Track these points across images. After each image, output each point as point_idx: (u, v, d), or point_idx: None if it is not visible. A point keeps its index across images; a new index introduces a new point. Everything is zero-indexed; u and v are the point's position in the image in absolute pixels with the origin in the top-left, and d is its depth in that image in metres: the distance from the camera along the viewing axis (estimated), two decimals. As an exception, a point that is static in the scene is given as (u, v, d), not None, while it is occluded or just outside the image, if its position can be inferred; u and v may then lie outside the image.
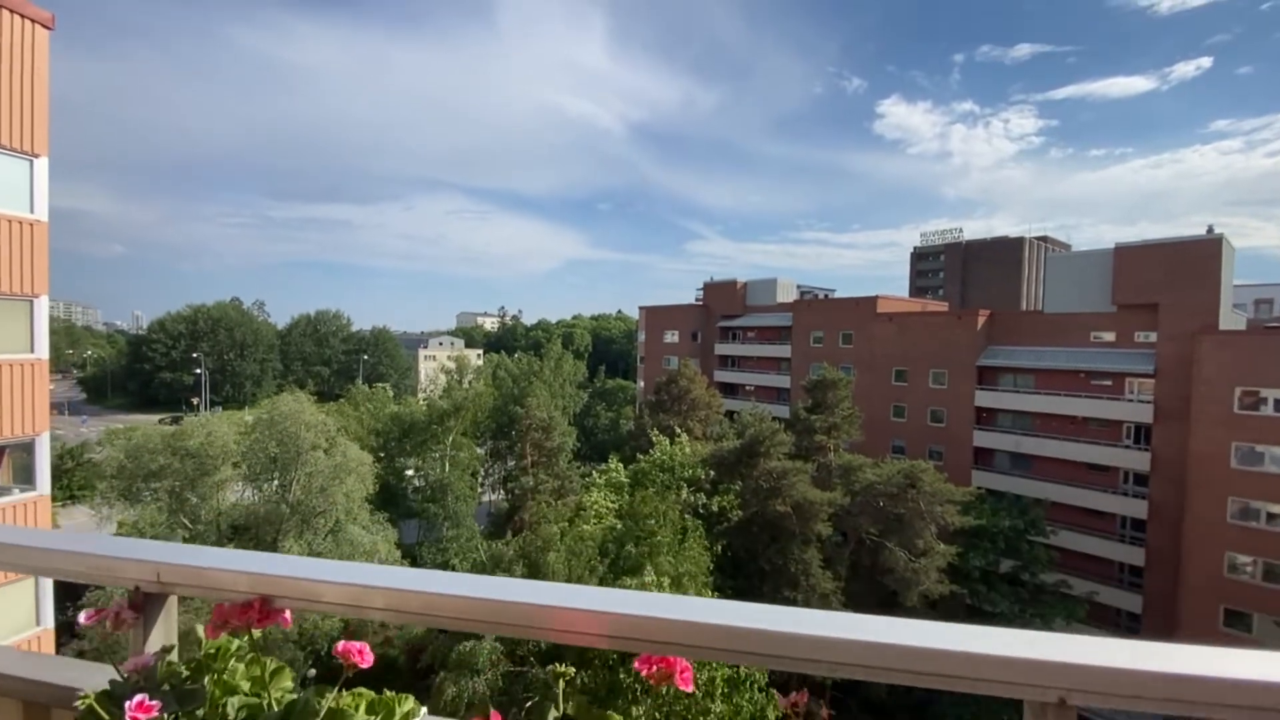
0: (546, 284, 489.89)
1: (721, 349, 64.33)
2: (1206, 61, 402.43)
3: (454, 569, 33.58)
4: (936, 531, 31.82)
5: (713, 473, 35.79)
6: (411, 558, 37.08)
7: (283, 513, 29.07)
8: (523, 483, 33.92)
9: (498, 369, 72.87)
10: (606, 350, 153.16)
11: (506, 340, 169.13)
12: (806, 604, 29.19)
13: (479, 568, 27.81)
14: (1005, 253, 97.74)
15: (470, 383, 62.45)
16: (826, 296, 67.50)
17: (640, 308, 74.20)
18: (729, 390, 62.12)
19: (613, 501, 33.71)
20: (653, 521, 26.98)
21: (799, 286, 66.41)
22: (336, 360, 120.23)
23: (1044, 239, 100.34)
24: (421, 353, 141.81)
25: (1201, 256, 34.26)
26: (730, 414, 52.79)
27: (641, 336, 73.22)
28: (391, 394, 73.59)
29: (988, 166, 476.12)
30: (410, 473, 50.60)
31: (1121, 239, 39.02)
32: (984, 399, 42.32)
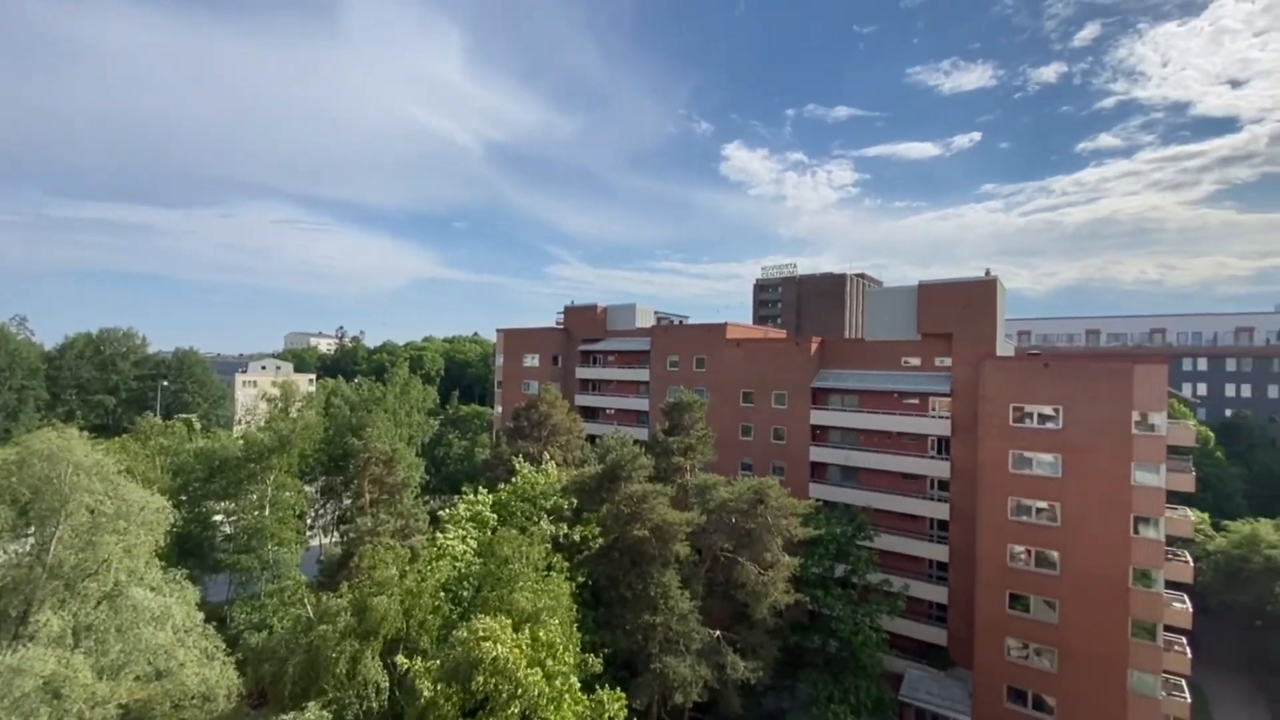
0: (394, 303, 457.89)
1: (583, 373, 64.07)
2: (977, 135, 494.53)
3: (272, 630, 28.98)
4: (783, 544, 33.84)
5: (575, 500, 35.00)
6: (218, 620, 31.38)
7: (37, 577, 22.98)
8: (359, 524, 30.37)
9: (333, 396, 65.73)
10: (461, 374, 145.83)
11: (345, 364, 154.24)
12: (666, 625, 29.28)
13: (304, 625, 24.15)
14: (831, 286, 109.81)
15: (299, 412, 55.43)
16: (681, 323, 70.37)
17: (498, 330, 71.68)
18: (590, 414, 61.86)
19: (473, 538, 31.51)
20: (514, 566, 25.55)
21: (656, 312, 68.55)
22: (126, 387, 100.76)
23: (862, 275, 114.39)
24: (239, 378, 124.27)
25: (981, 294, 40.94)
26: (591, 438, 52.42)
27: (499, 360, 70.60)
28: (198, 426, 63.04)
29: (815, 210, 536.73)
30: (220, 519, 43.31)
31: (921, 278, 45.38)
32: (818, 418, 46.44)
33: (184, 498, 41.87)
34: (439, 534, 31.38)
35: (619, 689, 22.05)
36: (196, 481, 42.45)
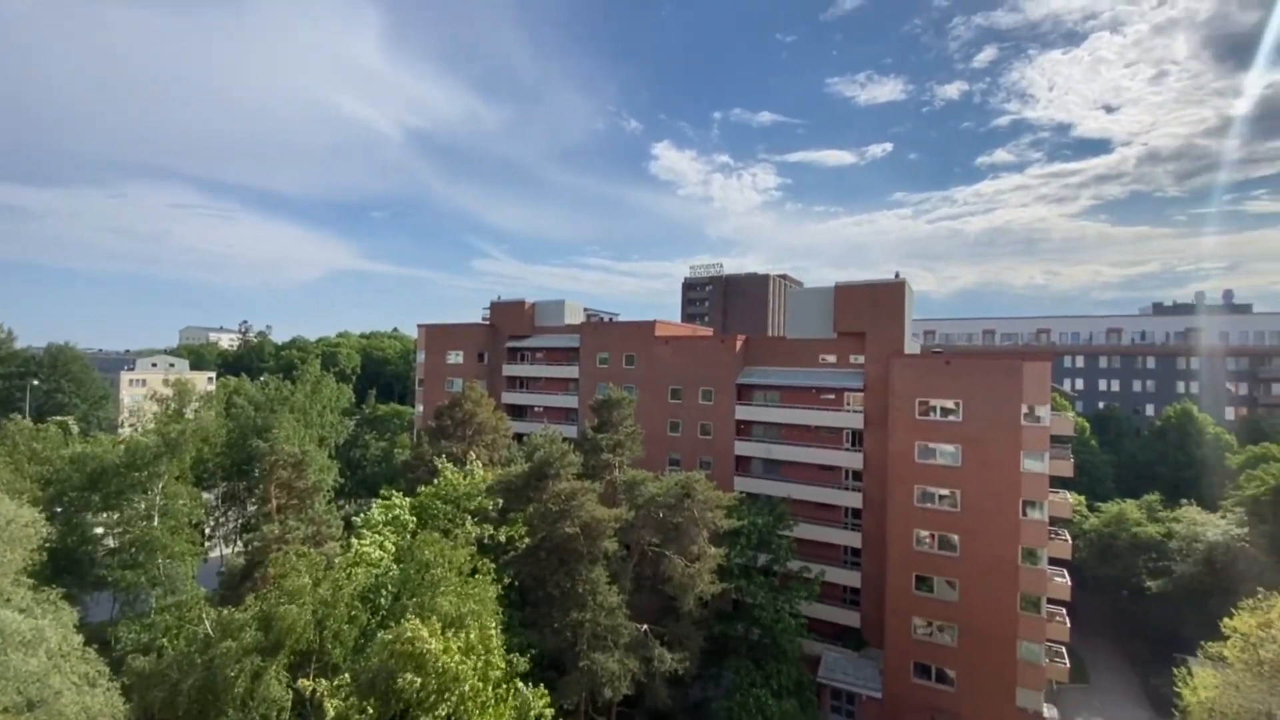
0: (306, 297, 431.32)
1: (510, 370, 62.77)
2: (889, 146, 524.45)
3: (163, 651, 26.58)
4: (708, 536, 34.60)
5: (500, 501, 34.26)
6: (101, 642, 28.41)
7: None
8: (265, 532, 28.35)
9: (235, 395, 61.04)
10: (380, 372, 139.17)
11: (250, 361, 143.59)
12: (594, 622, 29.25)
13: (200, 643, 22.28)
14: (755, 287, 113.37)
15: (195, 413, 51.12)
16: (611, 320, 70.38)
17: (420, 326, 68.90)
18: (517, 412, 60.72)
19: (391, 543, 30.15)
20: (436, 570, 24.65)
21: (586, 309, 68.19)
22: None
23: (784, 276, 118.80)
24: (125, 376, 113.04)
25: (891, 296, 43.47)
26: (519, 437, 51.48)
27: (421, 357, 67.92)
28: (75, 430, 56.80)
29: (741, 212, 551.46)
30: (101, 531, 39.30)
31: (838, 280, 47.66)
32: (743, 413, 47.80)
33: (58, 509, 37.70)
34: (354, 540, 29.85)
35: (546, 688, 21.80)
36: (73, 491, 38.29)
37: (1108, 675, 46.07)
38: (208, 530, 53.14)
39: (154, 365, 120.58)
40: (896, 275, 44.65)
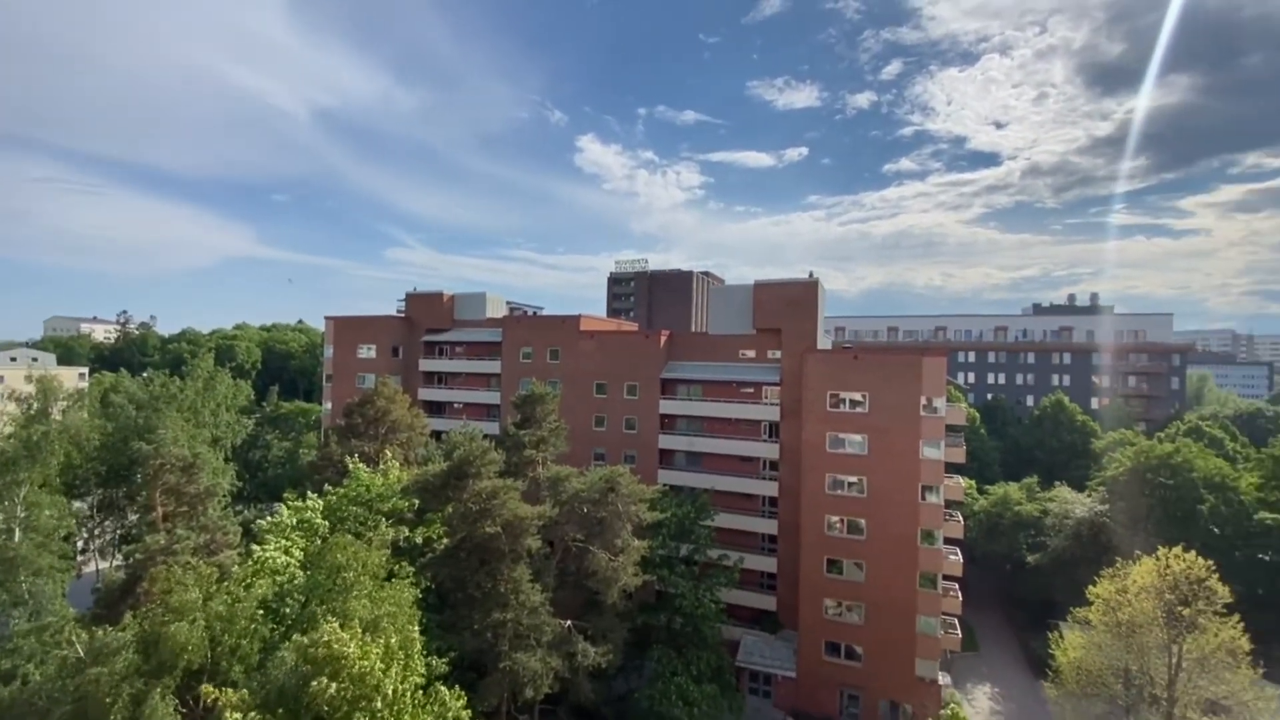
0: (198, 286, 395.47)
1: (427, 365, 60.41)
2: (805, 150, 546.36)
3: (27, 679, 23.74)
4: (632, 529, 34.91)
5: (417, 502, 32.97)
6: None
7: None
8: (149, 542, 25.80)
9: (112, 393, 55.17)
10: (283, 367, 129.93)
11: (130, 355, 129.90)
12: (517, 621, 28.81)
13: (71, 668, 20.03)
14: (679, 283, 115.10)
15: (63, 413, 45.74)
16: (535, 314, 69.26)
17: (328, 318, 64.94)
18: (435, 409, 58.59)
19: (299, 548, 28.29)
20: (349, 574, 23.39)
21: (508, 302, 66.71)
22: None
23: (706, 273, 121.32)
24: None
25: (805, 294, 45.49)
26: (437, 434, 49.71)
27: (330, 351, 64.05)
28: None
29: (665, 209, 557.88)
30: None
31: (757, 278, 49.33)
32: (667, 407, 48.56)
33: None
34: (256, 546, 27.81)
35: (464, 691, 21.24)
36: (-95, 505, 33.32)
37: (995, 643, 50.66)
38: (80, 543, 47.82)
39: (13, 360, 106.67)
40: (810, 275, 46.75)
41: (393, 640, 19.37)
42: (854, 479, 39.73)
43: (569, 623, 31.61)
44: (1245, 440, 67.70)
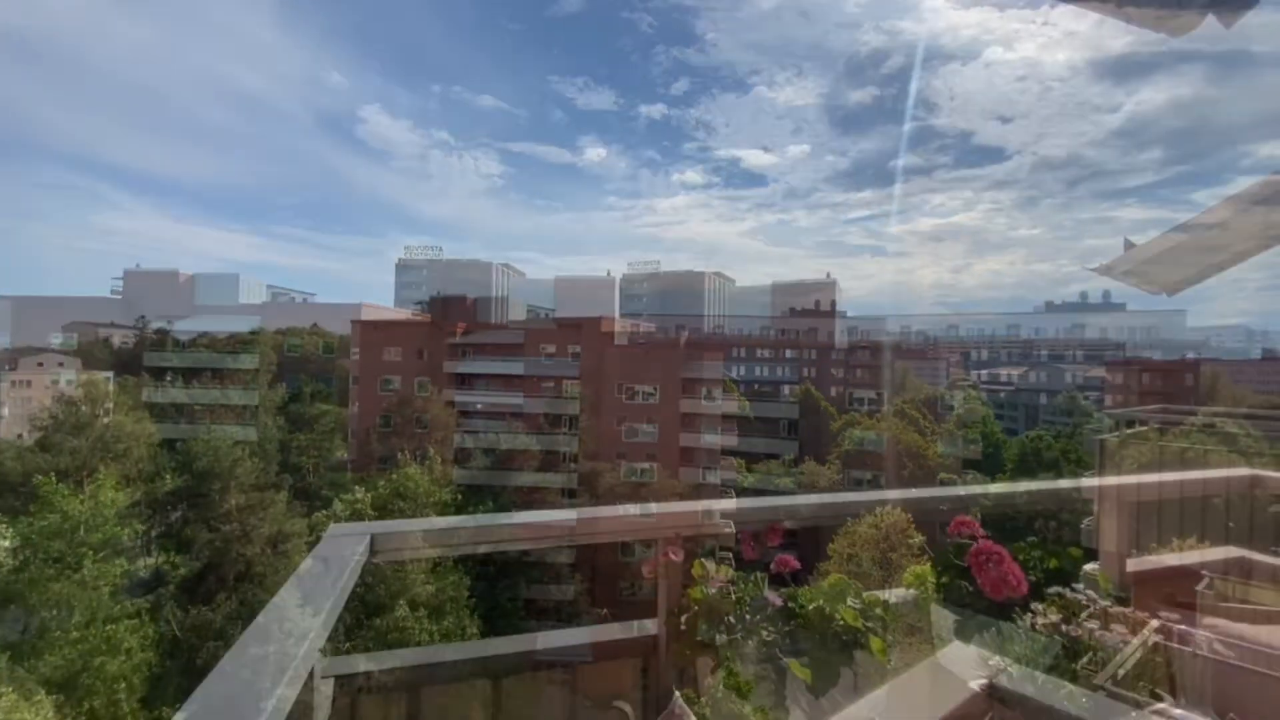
0: None
1: (151, 359, 49.50)
2: (604, 152, 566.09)
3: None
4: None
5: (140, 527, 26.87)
6: None
7: None
8: None
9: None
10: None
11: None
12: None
13: None
14: (478, 274, 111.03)
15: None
16: (306, 300, 61.00)
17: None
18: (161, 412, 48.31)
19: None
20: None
21: (271, 287, 57.87)
22: None
23: (507, 266, 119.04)
24: None
25: (603, 289, 47.20)
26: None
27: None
28: None
29: (463, 196, 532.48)
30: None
31: (560, 271, 49.84)
32: (462, 400, 46.56)
33: None
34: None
35: None
36: None
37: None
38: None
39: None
40: (609, 273, 48.70)
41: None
42: (645, 465, 42.37)
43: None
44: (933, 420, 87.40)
